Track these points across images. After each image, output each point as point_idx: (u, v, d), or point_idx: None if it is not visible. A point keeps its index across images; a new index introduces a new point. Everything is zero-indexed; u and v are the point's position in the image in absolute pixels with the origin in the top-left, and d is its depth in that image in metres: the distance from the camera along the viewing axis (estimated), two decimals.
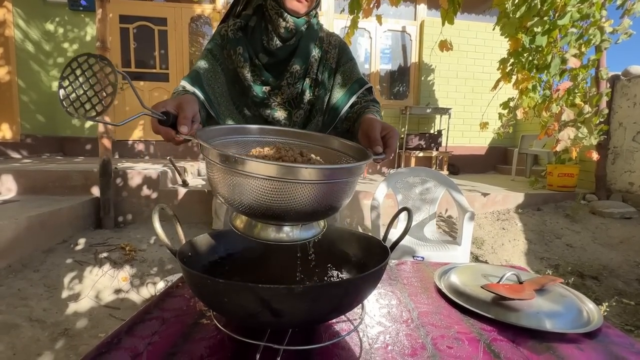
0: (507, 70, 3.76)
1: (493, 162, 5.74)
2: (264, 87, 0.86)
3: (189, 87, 0.82)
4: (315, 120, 0.90)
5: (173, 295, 0.73)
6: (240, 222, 0.57)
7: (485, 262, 2.74)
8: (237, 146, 0.67)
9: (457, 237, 2.02)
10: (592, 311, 0.69)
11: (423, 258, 1.86)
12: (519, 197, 3.58)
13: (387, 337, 0.58)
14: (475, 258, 2.79)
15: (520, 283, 0.78)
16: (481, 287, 0.72)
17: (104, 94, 0.52)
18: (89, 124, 4.67)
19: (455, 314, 0.69)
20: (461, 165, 5.37)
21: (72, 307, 1.90)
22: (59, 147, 4.93)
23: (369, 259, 0.64)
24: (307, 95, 0.88)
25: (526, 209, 3.55)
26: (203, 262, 0.66)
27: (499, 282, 0.77)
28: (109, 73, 0.50)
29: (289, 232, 0.53)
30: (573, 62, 3.01)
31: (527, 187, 4.07)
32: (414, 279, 0.88)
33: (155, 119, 0.58)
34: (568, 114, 3.24)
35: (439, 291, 0.79)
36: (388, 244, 0.63)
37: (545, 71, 3.50)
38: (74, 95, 0.51)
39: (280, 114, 0.88)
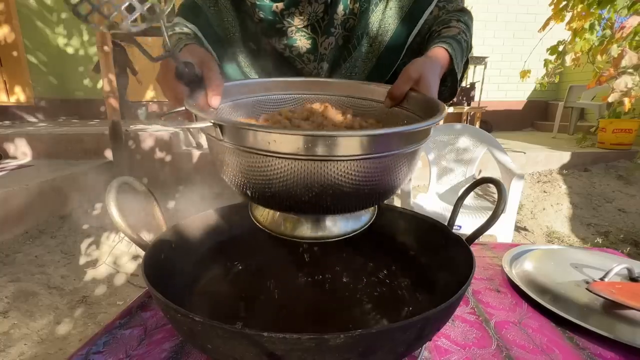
0: (560, 7, 3.19)
1: (531, 118, 5.21)
2: (275, 5, 0.58)
3: (190, 26, 0.59)
4: (357, 52, 0.62)
5: None
6: (262, 215, 0.42)
7: (524, 228, 2.50)
8: (246, 111, 0.47)
9: None
10: None
11: (460, 227, 1.64)
12: (564, 157, 3.21)
13: None
14: None
15: (634, 280, 0.56)
16: (586, 288, 0.51)
17: None
18: (99, 84, 4.50)
19: (549, 327, 0.49)
20: (495, 122, 4.90)
21: (90, 274, 1.86)
22: (74, 109, 4.85)
23: (438, 257, 0.44)
24: (340, 12, 0.59)
25: (571, 169, 3.19)
26: (194, 258, 0.48)
27: (602, 278, 0.55)
28: None
29: (330, 227, 0.38)
30: None
31: (572, 145, 3.65)
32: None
33: (170, 71, 0.39)
34: (631, 57, 2.71)
35: (513, 286, 0.59)
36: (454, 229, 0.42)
37: (610, 5, 2.93)
38: None
39: (301, 44, 0.61)
